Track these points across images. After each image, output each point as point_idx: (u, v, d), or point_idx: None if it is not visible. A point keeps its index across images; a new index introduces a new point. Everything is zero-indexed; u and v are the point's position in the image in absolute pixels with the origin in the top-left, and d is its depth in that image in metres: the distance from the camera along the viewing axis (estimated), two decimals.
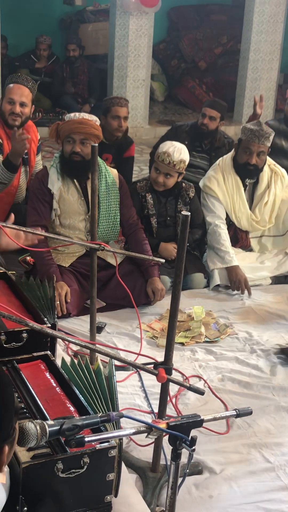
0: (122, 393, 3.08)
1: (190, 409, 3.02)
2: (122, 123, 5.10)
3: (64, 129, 3.79)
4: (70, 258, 3.93)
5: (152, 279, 3.92)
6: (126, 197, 4.05)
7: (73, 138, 3.77)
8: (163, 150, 4.19)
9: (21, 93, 4.24)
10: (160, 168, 4.22)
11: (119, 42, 8.60)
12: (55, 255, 3.91)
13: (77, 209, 3.87)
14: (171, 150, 4.16)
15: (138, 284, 3.88)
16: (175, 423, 1.71)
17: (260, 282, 4.38)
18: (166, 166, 4.17)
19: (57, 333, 2.31)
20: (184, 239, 2.15)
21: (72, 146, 3.78)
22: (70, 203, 3.86)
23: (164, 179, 4.22)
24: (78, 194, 3.88)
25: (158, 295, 3.89)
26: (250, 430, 2.92)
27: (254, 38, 9.03)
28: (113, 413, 1.69)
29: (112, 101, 5.16)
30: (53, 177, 3.85)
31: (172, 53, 11.04)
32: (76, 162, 3.79)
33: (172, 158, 4.15)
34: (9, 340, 2.65)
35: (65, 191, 3.87)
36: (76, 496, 2.11)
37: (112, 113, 5.09)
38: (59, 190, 3.85)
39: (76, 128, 3.74)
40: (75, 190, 3.88)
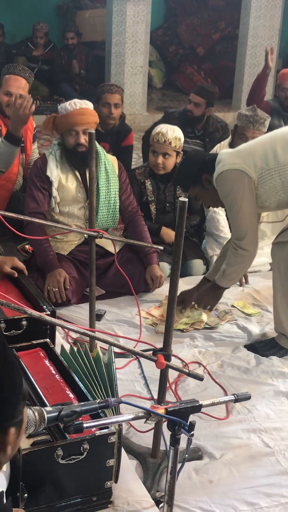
0: (121, 380, 3.09)
1: (190, 395, 3.03)
2: (112, 110, 5.05)
3: (65, 122, 3.74)
4: (69, 246, 3.93)
5: (151, 267, 3.93)
6: (126, 184, 4.05)
7: (76, 130, 3.74)
8: (156, 131, 4.23)
9: (18, 85, 4.22)
10: (157, 149, 4.23)
11: (116, 29, 8.56)
12: (54, 243, 3.90)
13: (76, 197, 3.87)
14: (164, 130, 4.21)
15: (137, 272, 3.89)
16: (173, 409, 1.71)
17: (259, 268, 4.38)
18: (162, 145, 4.19)
19: (56, 320, 2.31)
20: (182, 226, 2.15)
21: (76, 138, 3.75)
22: (69, 191, 3.85)
23: (163, 159, 4.22)
24: (77, 182, 3.87)
25: (157, 282, 3.89)
26: (250, 415, 2.93)
27: (252, 23, 8.99)
28: (112, 399, 1.70)
29: (103, 88, 5.12)
30: (52, 164, 3.84)
31: (170, 39, 10.99)
32: (82, 153, 3.74)
33: (166, 136, 4.18)
34: (8, 328, 2.66)
35: (64, 179, 3.85)
36: (76, 482, 2.12)
37: (103, 100, 5.04)
38: (58, 178, 3.84)
39: (79, 120, 3.71)
40: (74, 178, 3.87)
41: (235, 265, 3.29)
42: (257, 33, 9.05)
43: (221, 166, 3.19)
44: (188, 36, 10.86)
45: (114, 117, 5.09)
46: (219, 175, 3.19)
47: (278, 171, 3.15)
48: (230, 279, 3.37)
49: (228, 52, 10.85)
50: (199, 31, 10.84)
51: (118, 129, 5.22)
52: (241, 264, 3.30)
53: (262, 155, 3.16)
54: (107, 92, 5.04)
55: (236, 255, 3.25)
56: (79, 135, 3.74)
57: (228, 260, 3.31)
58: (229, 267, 3.31)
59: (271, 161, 3.15)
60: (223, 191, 3.22)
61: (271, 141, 3.21)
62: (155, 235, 4.32)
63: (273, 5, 8.93)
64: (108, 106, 5.04)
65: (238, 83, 9.48)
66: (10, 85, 4.24)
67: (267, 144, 3.20)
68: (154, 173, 4.35)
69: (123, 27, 8.53)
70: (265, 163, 3.15)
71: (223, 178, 3.19)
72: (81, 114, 3.71)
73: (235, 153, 3.25)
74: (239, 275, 3.38)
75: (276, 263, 3.36)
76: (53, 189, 3.82)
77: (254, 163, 3.16)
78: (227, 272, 3.33)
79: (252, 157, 3.17)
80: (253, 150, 3.19)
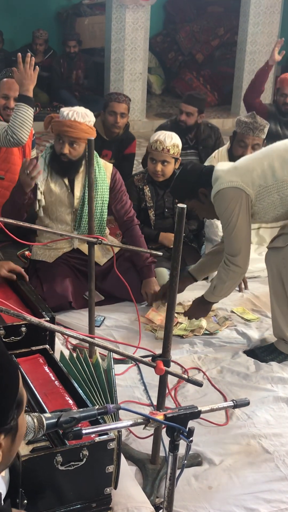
0: (121, 386, 3.09)
1: (189, 401, 3.03)
2: (118, 119, 5.06)
3: (55, 128, 3.72)
4: (56, 253, 3.89)
5: (146, 281, 3.92)
6: (121, 193, 4.00)
7: (62, 139, 3.70)
8: (154, 139, 4.25)
9: (15, 88, 4.22)
10: (155, 157, 4.24)
11: (115, 36, 8.58)
12: (42, 250, 3.89)
13: (64, 201, 3.83)
14: (162, 137, 4.22)
15: (134, 282, 3.84)
16: (172, 415, 1.72)
17: (258, 274, 4.38)
18: (160, 153, 4.21)
19: (55, 326, 2.32)
20: (180, 231, 2.16)
21: (61, 147, 3.71)
22: (56, 195, 3.82)
23: (161, 167, 4.24)
24: (65, 187, 3.84)
25: (151, 298, 3.90)
26: (249, 421, 2.93)
27: (251, 30, 9.01)
28: (110, 405, 1.70)
29: (111, 97, 5.14)
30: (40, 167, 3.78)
31: (169, 46, 11.02)
32: (63, 162, 3.74)
33: (164, 143, 4.20)
34: (8, 334, 2.67)
35: (53, 183, 3.82)
36: (76, 488, 2.12)
37: (109, 108, 5.07)
38: (45, 181, 3.81)
39: (65, 131, 3.65)
40: (62, 183, 3.84)
41: (226, 281, 3.34)
42: (255, 39, 9.07)
43: (218, 184, 3.22)
44: (187, 43, 10.88)
45: (119, 126, 5.11)
46: (217, 193, 3.23)
47: (276, 188, 3.18)
48: (219, 295, 3.43)
49: (227, 59, 10.87)
50: (198, 37, 10.87)
51: (122, 137, 5.24)
52: (232, 280, 3.35)
53: (259, 173, 3.18)
54: (114, 101, 5.06)
55: (228, 270, 3.29)
56: (64, 145, 3.70)
57: (219, 275, 3.36)
58: (220, 283, 3.36)
59: (269, 178, 3.17)
60: (220, 208, 3.25)
61: (268, 158, 3.22)
62: (154, 241, 4.33)
63: (272, 12, 8.96)
64: (114, 115, 5.06)
65: (237, 89, 9.49)
66: (7, 88, 4.26)
67: (264, 161, 3.22)
68: (152, 179, 4.36)
69: (122, 34, 8.56)
70: (263, 181, 3.18)
71: (220, 195, 3.22)
72: (69, 126, 3.64)
73: (232, 170, 3.25)
74: (229, 291, 3.43)
75: (269, 267, 3.38)
76: (38, 192, 3.79)
77: (252, 181, 3.18)
78: (218, 288, 3.38)
79: (250, 174, 3.19)
80: (251, 168, 3.21)
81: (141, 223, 4.35)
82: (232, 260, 3.27)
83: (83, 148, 3.73)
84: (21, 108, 3.81)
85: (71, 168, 3.79)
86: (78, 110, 3.73)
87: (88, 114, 3.74)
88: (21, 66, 3.82)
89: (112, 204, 3.97)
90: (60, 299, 3.72)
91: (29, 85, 3.87)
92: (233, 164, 3.34)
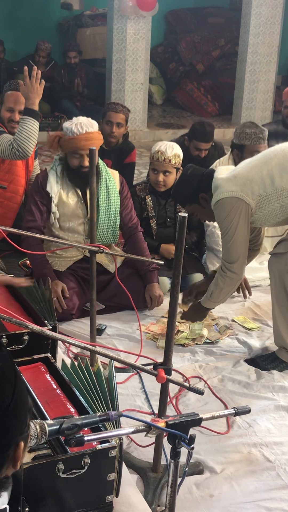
0: (122, 394, 3.10)
1: (191, 410, 3.04)
2: (114, 129, 5.07)
3: (69, 146, 3.75)
4: (67, 262, 3.94)
5: (150, 285, 3.95)
6: (128, 199, 4.07)
7: (81, 154, 3.75)
8: (155, 150, 4.28)
9: (21, 101, 4.25)
10: (157, 168, 4.27)
11: (117, 46, 8.63)
12: (52, 259, 3.92)
13: (76, 212, 3.88)
14: (163, 148, 4.26)
15: (136, 288, 3.89)
16: (174, 422, 1.72)
17: (259, 283, 4.39)
18: (162, 163, 4.24)
19: (57, 335, 2.32)
20: (182, 240, 2.17)
21: (80, 161, 3.76)
22: (69, 206, 3.87)
23: (163, 177, 4.26)
24: (78, 198, 3.89)
25: (155, 301, 3.92)
26: (251, 429, 2.94)
27: (251, 40, 9.06)
28: (112, 412, 1.71)
29: (109, 106, 5.17)
30: (52, 179, 3.86)
31: (170, 56, 11.07)
32: (85, 173, 3.73)
33: (166, 154, 4.23)
34: (10, 342, 2.67)
35: (65, 194, 3.87)
36: (77, 496, 2.12)
37: (106, 118, 5.10)
38: (59, 193, 3.86)
39: (84, 145, 3.69)
40: (75, 194, 3.89)
41: (223, 288, 3.36)
42: (256, 50, 9.12)
43: (219, 193, 3.25)
44: (188, 53, 10.94)
45: (116, 136, 5.12)
46: (217, 202, 3.26)
47: (276, 197, 3.20)
48: (216, 301, 3.46)
49: (227, 69, 10.93)
50: (199, 48, 10.93)
51: (121, 147, 5.26)
52: (229, 286, 3.37)
53: (259, 182, 3.21)
54: (111, 111, 5.09)
55: (225, 277, 3.32)
56: (83, 158, 3.75)
57: (216, 282, 3.38)
58: (216, 289, 3.38)
59: (269, 187, 3.20)
60: (219, 217, 3.29)
61: (267, 167, 3.24)
62: (155, 252, 4.35)
63: (272, 22, 9.01)
64: (110, 125, 5.08)
65: (238, 99, 9.54)
66: (11, 101, 4.29)
67: (263, 170, 3.23)
68: (154, 190, 4.38)
69: (124, 45, 8.61)
70: (262, 190, 3.20)
71: (221, 205, 3.25)
72: (87, 139, 3.70)
73: (232, 179, 3.27)
74: (225, 297, 3.46)
75: (272, 273, 3.39)
76: (52, 205, 3.84)
77: (252, 190, 3.21)
78: (215, 294, 3.40)
79: (250, 184, 3.21)
80: (250, 178, 3.23)
81: (143, 233, 4.36)
82: (229, 267, 3.29)
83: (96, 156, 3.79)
84: (27, 122, 3.85)
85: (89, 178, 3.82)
86: (82, 121, 3.76)
87: (91, 121, 3.80)
88: (27, 80, 3.87)
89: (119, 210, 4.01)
90: (65, 312, 3.75)
91: (35, 99, 3.95)
92: (232, 171, 3.35)
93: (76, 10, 10.82)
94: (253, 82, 9.29)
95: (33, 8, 10.28)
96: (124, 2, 8.26)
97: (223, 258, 3.34)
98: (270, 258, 3.42)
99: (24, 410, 1.33)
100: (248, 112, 9.41)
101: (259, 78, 9.25)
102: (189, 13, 11.22)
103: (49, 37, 10.12)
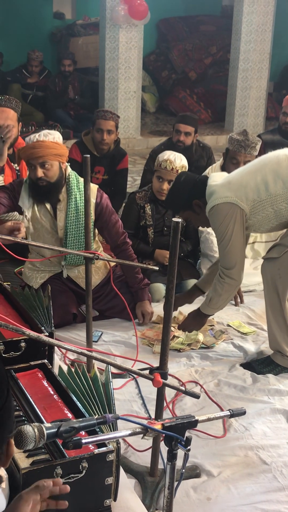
0: (119, 400, 3.12)
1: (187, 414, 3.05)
2: (105, 136, 5.10)
3: (23, 156, 3.63)
4: (42, 276, 3.86)
5: (141, 302, 3.93)
6: (109, 215, 3.85)
7: (32, 164, 3.59)
8: (164, 158, 4.28)
9: (6, 116, 4.17)
10: (163, 176, 4.29)
11: (109, 55, 8.69)
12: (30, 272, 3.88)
13: (49, 230, 3.78)
14: (172, 157, 4.27)
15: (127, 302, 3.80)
16: (170, 424, 1.75)
17: (254, 287, 4.42)
18: (169, 172, 4.26)
19: (54, 341, 2.35)
20: (176, 246, 2.20)
21: (34, 173, 3.59)
22: (42, 223, 3.76)
23: (168, 186, 4.27)
24: (50, 215, 3.76)
25: (147, 318, 3.92)
26: (247, 433, 2.96)
27: (243, 48, 9.13)
28: (109, 415, 1.73)
29: (98, 114, 5.19)
30: (24, 194, 3.71)
31: (162, 65, 11.14)
32: (43, 187, 3.63)
33: (174, 164, 4.25)
34: (7, 349, 2.69)
35: (38, 211, 3.75)
36: (76, 500, 2.14)
37: (96, 126, 5.13)
38: (32, 209, 3.72)
39: (31, 153, 3.55)
40: (47, 211, 3.76)
41: (221, 294, 3.37)
42: (248, 57, 9.19)
43: (213, 200, 3.27)
44: (180, 61, 11.01)
45: (107, 143, 5.16)
46: (212, 208, 3.28)
47: (270, 202, 3.23)
48: (215, 307, 3.47)
49: (219, 76, 11.00)
50: (191, 56, 11.00)
51: (113, 153, 5.29)
52: (227, 292, 3.38)
53: (253, 188, 3.24)
54: (101, 118, 5.12)
55: (223, 283, 3.34)
56: (36, 169, 3.58)
57: (214, 288, 3.39)
58: (215, 295, 3.39)
59: (263, 193, 3.22)
60: (215, 223, 3.31)
61: (261, 172, 3.27)
62: (149, 258, 4.37)
63: (263, 30, 9.08)
64: (101, 132, 5.12)
65: (230, 106, 9.60)
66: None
67: (258, 175, 3.26)
68: (155, 198, 4.40)
69: (116, 53, 8.66)
70: (256, 195, 3.23)
71: (215, 211, 3.27)
72: (33, 147, 3.55)
73: (226, 185, 3.30)
74: (224, 303, 3.46)
75: (265, 278, 3.42)
76: (25, 220, 3.71)
77: (246, 196, 3.23)
78: (214, 300, 3.42)
79: (244, 189, 3.24)
80: (244, 183, 3.26)
81: (139, 240, 4.39)
82: (227, 273, 3.31)
83: (57, 168, 3.62)
84: None
85: (50, 192, 3.67)
86: (41, 132, 3.64)
87: (51, 132, 3.65)
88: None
89: (104, 230, 3.88)
90: (63, 312, 3.72)
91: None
92: (226, 177, 3.38)
93: (68, 19, 10.89)
94: (245, 89, 9.35)
95: (25, 18, 10.34)
96: (116, 11, 8.32)
97: (221, 265, 3.37)
98: (263, 262, 3.45)
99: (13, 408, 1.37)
100: (241, 118, 9.47)
101: (251, 85, 9.31)
102: (181, 21, 11.30)
103: (42, 46, 10.18)
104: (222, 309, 3.52)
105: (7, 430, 1.35)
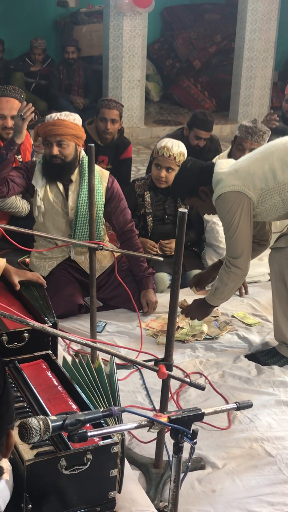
0: (123, 391, 3.10)
1: (192, 406, 3.01)
2: (108, 126, 5.07)
3: (41, 132, 3.70)
4: (51, 264, 3.86)
5: (146, 291, 3.92)
6: (119, 201, 3.93)
7: (49, 141, 3.67)
8: (161, 145, 4.26)
9: (11, 106, 4.21)
10: (160, 163, 4.27)
11: (113, 43, 8.63)
12: (38, 261, 3.88)
13: (59, 211, 3.81)
14: (169, 144, 4.24)
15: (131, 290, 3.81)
16: (176, 417, 1.73)
17: (258, 278, 4.40)
18: (166, 159, 4.23)
19: (58, 332, 2.33)
20: (182, 236, 2.18)
21: (50, 150, 3.67)
22: (53, 204, 3.80)
23: (166, 173, 4.26)
24: (61, 196, 3.81)
25: (152, 307, 3.90)
26: (252, 424, 2.95)
27: (248, 36, 9.06)
28: (115, 408, 1.71)
29: (102, 103, 5.16)
30: (38, 173, 3.78)
31: (166, 53, 11.06)
32: (56, 165, 3.69)
33: (171, 151, 4.21)
34: (11, 340, 2.67)
35: (50, 191, 3.80)
36: (80, 492, 2.13)
37: (100, 115, 5.10)
38: (45, 188, 3.78)
39: (50, 130, 3.63)
40: (59, 191, 3.81)
41: (227, 283, 3.32)
42: (253, 46, 9.12)
43: (220, 188, 3.22)
44: (185, 50, 10.93)
45: (111, 132, 5.13)
46: (219, 197, 3.23)
47: (278, 191, 3.19)
48: (221, 297, 3.41)
49: (224, 65, 10.92)
50: (195, 44, 10.91)
51: (117, 142, 5.26)
52: (234, 282, 3.33)
53: (261, 176, 3.20)
54: (105, 107, 5.08)
55: (230, 272, 3.29)
56: (52, 147, 3.66)
57: (221, 278, 3.35)
58: (221, 285, 3.34)
59: (271, 181, 3.19)
60: (222, 212, 3.26)
61: (269, 161, 3.23)
62: None
63: (269, 18, 9.01)
64: (104, 121, 5.08)
65: (235, 95, 9.54)
66: (2, 108, 4.25)
67: (265, 164, 3.22)
68: (155, 186, 4.37)
69: (120, 42, 8.60)
70: (264, 184, 3.19)
71: (222, 199, 3.23)
72: (54, 124, 3.63)
73: (233, 173, 3.26)
74: (230, 293, 3.41)
75: (272, 267, 3.39)
76: (37, 199, 3.77)
77: (253, 184, 3.19)
78: (220, 290, 3.36)
79: (251, 178, 3.20)
80: (252, 172, 3.22)
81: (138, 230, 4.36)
82: (234, 262, 3.28)
83: (72, 148, 3.69)
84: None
85: (63, 171, 3.74)
86: (62, 112, 3.73)
87: (73, 114, 3.73)
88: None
89: (112, 215, 3.92)
90: (68, 303, 3.71)
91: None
92: (233, 165, 3.34)
93: (72, 7, 10.80)
94: (250, 78, 9.29)
95: (29, 6, 10.26)
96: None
97: (227, 254, 3.33)
98: (270, 252, 3.42)
99: (12, 398, 1.36)
100: (245, 108, 9.41)
101: (256, 74, 9.24)
102: (185, 10, 11.20)
103: (45, 35, 10.11)
104: (227, 300, 3.49)
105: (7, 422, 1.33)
